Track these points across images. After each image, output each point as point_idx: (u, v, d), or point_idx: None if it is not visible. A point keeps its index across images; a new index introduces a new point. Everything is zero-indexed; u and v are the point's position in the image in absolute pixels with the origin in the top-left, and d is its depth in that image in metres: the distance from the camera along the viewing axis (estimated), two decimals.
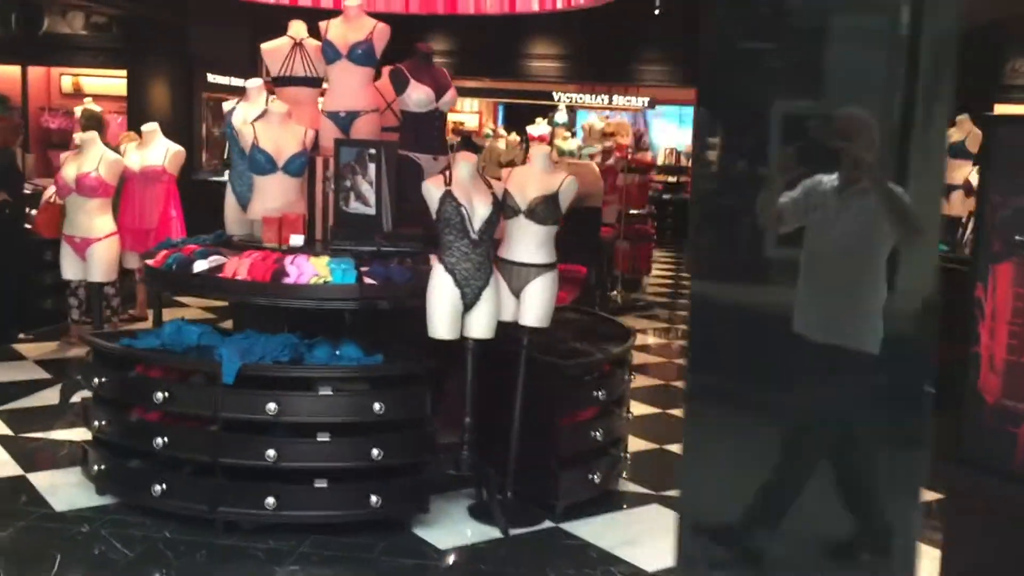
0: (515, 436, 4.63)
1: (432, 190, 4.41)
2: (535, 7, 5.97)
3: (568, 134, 16.46)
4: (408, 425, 4.39)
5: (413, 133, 5.24)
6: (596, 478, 4.76)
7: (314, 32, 5.51)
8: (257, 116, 5.13)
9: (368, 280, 4.49)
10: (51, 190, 8.27)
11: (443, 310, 4.40)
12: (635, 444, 5.67)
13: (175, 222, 5.78)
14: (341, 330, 4.73)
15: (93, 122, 7.54)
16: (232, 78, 13.68)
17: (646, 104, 12.78)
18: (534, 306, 4.56)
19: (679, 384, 7.39)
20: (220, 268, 4.60)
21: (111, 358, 4.61)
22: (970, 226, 8.10)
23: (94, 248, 5.50)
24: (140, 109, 12.57)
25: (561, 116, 16.13)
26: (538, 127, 16.01)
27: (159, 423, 4.37)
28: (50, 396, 6.45)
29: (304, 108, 5.39)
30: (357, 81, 5.29)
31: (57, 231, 7.89)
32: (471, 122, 21.44)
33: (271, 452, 4.18)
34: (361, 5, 5.38)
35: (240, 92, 13.76)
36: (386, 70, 5.48)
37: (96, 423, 4.56)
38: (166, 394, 4.29)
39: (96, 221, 5.52)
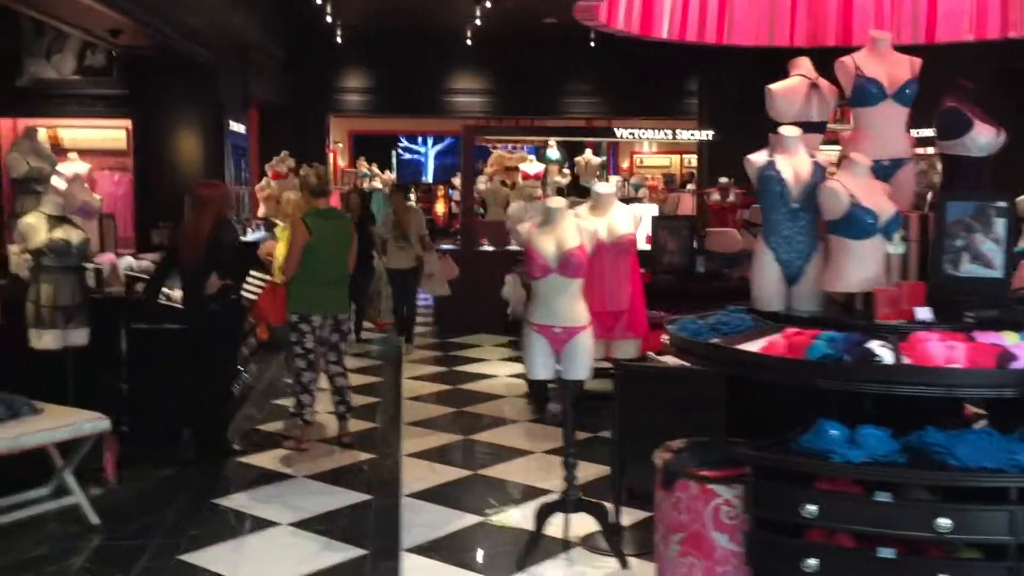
0: None
1: None
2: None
3: (567, 171, 15.76)
4: None
5: (974, 181, 4.57)
6: None
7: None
8: (816, 170, 4.31)
9: None
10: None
11: None
12: None
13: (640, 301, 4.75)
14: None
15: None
16: (237, 123, 12.17)
17: (710, 136, 12.28)
18: None
19: None
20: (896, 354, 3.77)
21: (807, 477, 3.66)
22: None
23: (579, 339, 4.39)
24: (151, 164, 10.92)
25: (554, 152, 15.41)
26: (532, 165, 15.21)
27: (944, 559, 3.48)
28: (435, 521, 5.25)
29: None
30: (901, 124, 4.56)
31: (284, 316, 6.57)
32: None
33: None
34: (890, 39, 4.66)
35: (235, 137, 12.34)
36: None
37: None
38: (950, 521, 3.41)
39: (579, 307, 4.42)
